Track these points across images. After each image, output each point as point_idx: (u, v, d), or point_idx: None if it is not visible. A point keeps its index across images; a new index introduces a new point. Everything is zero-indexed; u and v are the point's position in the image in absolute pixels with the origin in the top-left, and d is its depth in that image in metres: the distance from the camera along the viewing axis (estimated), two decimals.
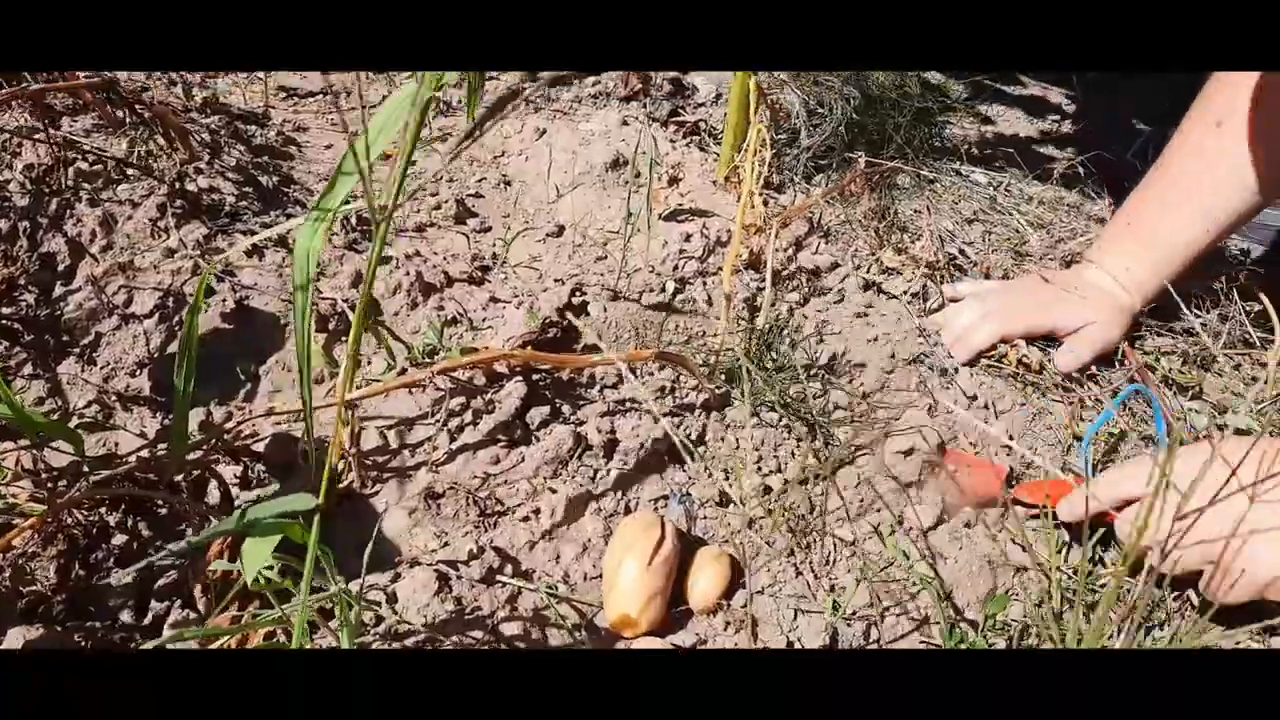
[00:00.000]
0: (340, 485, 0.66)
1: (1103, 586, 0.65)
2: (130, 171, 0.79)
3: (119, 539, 0.61)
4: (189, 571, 0.58)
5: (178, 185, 0.79)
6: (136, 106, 0.80)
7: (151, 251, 0.76)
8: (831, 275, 0.93)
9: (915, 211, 1.05)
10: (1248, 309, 0.91)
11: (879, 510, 0.70)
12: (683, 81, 1.15)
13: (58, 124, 0.83)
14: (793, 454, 0.73)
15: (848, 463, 0.72)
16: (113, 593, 0.59)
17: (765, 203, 1.01)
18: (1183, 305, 0.87)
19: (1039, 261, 1.03)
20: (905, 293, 0.91)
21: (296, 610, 0.46)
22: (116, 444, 0.68)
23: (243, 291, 0.75)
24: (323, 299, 0.75)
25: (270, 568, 0.54)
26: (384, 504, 0.65)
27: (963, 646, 0.58)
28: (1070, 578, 0.65)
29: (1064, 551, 0.69)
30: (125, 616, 0.58)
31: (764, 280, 0.85)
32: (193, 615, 0.57)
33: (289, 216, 0.84)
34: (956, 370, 0.85)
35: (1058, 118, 1.48)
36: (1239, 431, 0.75)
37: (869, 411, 0.77)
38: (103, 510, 0.62)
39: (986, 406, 0.80)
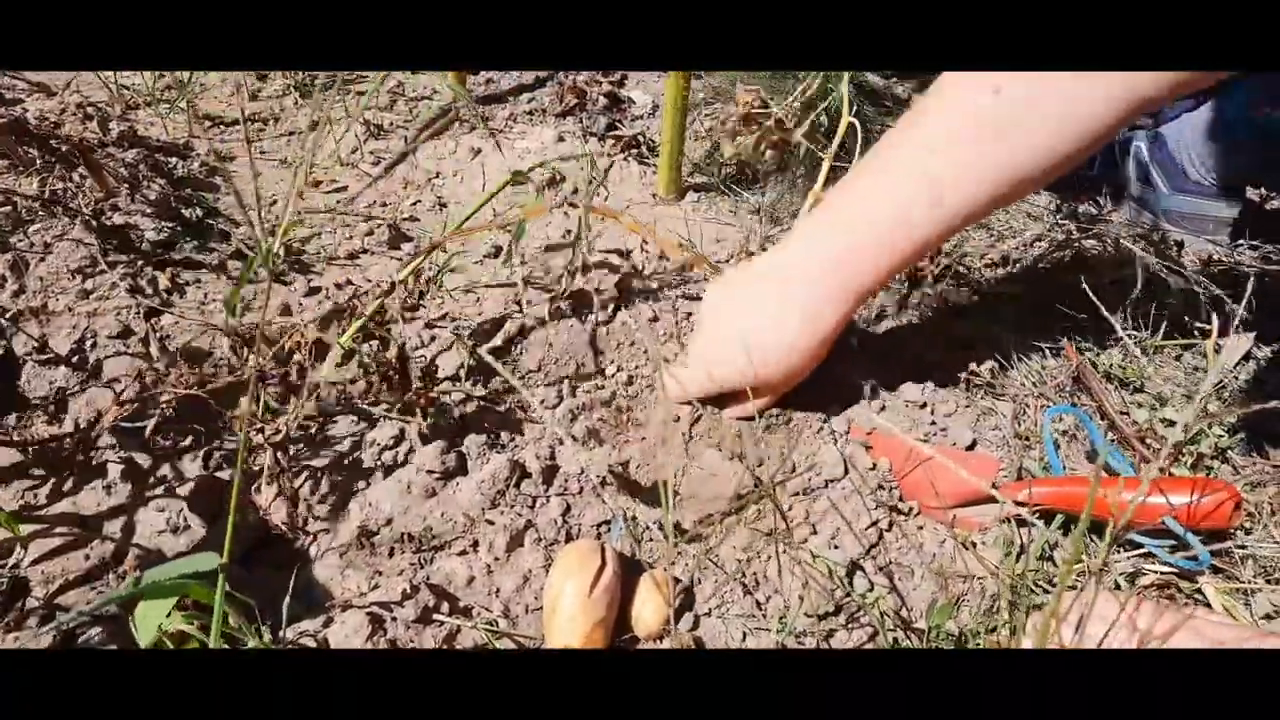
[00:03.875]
0: (270, 529, 0.64)
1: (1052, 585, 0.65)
2: (42, 210, 0.76)
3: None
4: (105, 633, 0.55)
5: (94, 223, 0.76)
6: (49, 143, 0.77)
7: (66, 293, 0.73)
8: None
9: None
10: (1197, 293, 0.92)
11: (828, 520, 0.69)
12: (619, 95, 1.14)
13: None
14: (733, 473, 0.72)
15: (787, 479, 0.71)
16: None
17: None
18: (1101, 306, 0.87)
19: (980, 259, 1.03)
20: None
21: None
22: (35, 495, 0.66)
23: (162, 331, 0.73)
24: (253, 332, 0.73)
25: (191, 621, 0.52)
26: (315, 547, 0.63)
27: None
28: (1018, 579, 0.64)
29: (1016, 555, 0.69)
30: None
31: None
32: None
33: (212, 250, 0.81)
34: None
35: None
36: (1168, 423, 0.75)
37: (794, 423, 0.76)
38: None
39: (925, 407, 0.80)
